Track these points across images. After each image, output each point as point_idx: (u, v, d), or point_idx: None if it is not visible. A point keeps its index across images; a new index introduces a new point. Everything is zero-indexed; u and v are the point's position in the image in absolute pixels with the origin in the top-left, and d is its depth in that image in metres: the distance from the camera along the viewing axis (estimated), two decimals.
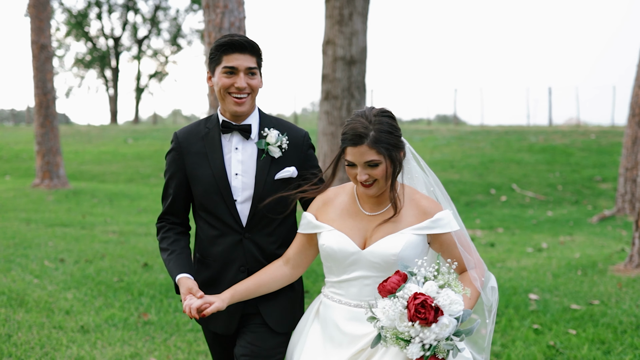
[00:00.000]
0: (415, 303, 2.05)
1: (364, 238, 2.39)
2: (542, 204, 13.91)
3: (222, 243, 2.58)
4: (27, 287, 5.68)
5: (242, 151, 2.58)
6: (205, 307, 2.37)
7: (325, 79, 13.73)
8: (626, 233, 10.04)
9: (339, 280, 2.42)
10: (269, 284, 2.52)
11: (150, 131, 25.19)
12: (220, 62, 2.50)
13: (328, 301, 2.47)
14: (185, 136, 2.63)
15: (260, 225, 2.58)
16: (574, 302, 5.58)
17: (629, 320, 4.98)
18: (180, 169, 2.60)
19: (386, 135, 2.32)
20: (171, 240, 2.62)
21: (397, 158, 2.35)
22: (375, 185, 2.35)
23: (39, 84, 14.73)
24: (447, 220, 2.39)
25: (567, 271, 6.95)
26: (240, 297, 2.48)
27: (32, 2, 14.65)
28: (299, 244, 2.55)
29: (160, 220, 2.70)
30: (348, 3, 13.53)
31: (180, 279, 2.50)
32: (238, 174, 2.57)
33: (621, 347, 4.43)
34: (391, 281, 2.16)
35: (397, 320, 2.09)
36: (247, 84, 2.50)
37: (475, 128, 23.56)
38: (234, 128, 2.56)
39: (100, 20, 36.79)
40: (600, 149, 17.73)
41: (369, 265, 2.35)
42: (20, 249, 7.55)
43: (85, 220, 10.67)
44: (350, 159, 2.33)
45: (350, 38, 13.63)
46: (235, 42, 2.48)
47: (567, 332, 4.74)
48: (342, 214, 2.45)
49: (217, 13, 6.45)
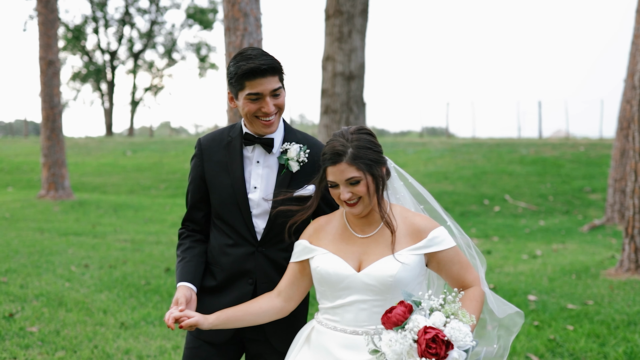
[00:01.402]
0: (426, 338, 1.99)
1: (359, 261, 2.34)
2: (534, 214, 14.44)
3: (234, 253, 2.55)
4: (61, 290, 6.07)
5: (263, 165, 2.55)
6: (184, 319, 2.31)
7: (325, 94, 14.21)
8: (616, 241, 10.56)
9: (334, 305, 2.36)
10: (257, 314, 2.45)
11: (147, 143, 25.56)
12: (244, 88, 2.43)
13: (322, 328, 2.40)
14: (209, 143, 2.61)
15: (275, 240, 2.55)
16: (569, 302, 6.05)
17: (621, 318, 5.46)
18: (200, 176, 2.59)
19: (365, 151, 2.31)
20: (185, 247, 2.62)
21: (379, 173, 2.32)
22: (360, 204, 2.32)
23: (46, 99, 15.12)
24: (443, 237, 2.35)
25: (561, 275, 7.43)
26: (225, 320, 2.41)
27: (41, 20, 15.08)
28: (291, 274, 2.48)
29: (181, 227, 2.70)
30: (348, 21, 14.06)
31: (179, 287, 2.48)
32: (257, 187, 2.54)
33: (615, 340, 4.89)
34: (396, 313, 2.09)
35: (404, 355, 2.02)
36: (274, 105, 2.46)
37: (467, 140, 24.16)
38: (255, 140, 2.53)
39: (97, 34, 37.22)
40: (589, 160, 18.34)
41: (364, 288, 2.29)
42: (44, 256, 7.93)
43: (96, 229, 11.04)
44: (332, 178, 2.31)
45: (349, 54, 14.13)
46: (257, 68, 2.39)
47: (565, 328, 5.20)
48: (335, 239, 2.42)
49: (237, 35, 6.92)
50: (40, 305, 5.53)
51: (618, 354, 4.56)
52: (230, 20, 6.97)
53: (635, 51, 11.77)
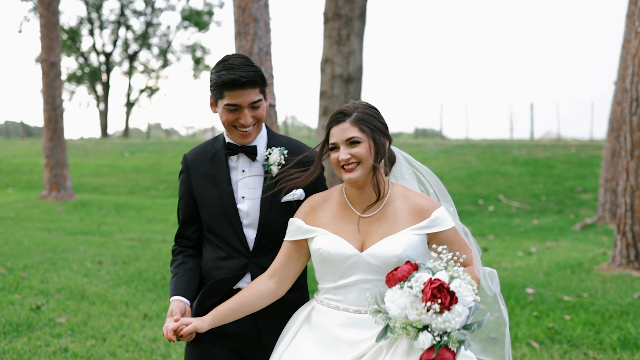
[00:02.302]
0: (432, 287, 2.02)
1: (361, 240, 2.32)
2: (528, 213, 14.81)
3: (227, 266, 2.52)
4: (81, 284, 6.33)
5: (249, 173, 2.53)
6: (182, 328, 2.28)
7: (324, 96, 14.51)
8: (607, 239, 10.93)
9: (336, 285, 2.32)
10: (253, 301, 2.40)
11: (144, 145, 25.76)
12: (223, 97, 2.41)
13: (323, 307, 2.37)
14: (194, 157, 2.59)
15: (267, 249, 2.53)
16: (565, 294, 6.38)
17: (614, 308, 5.79)
18: (189, 191, 2.58)
19: (370, 117, 2.31)
20: (178, 262, 2.59)
21: (381, 142, 2.31)
22: (358, 169, 2.28)
23: (48, 100, 15.34)
24: (444, 217, 2.36)
25: (557, 270, 7.77)
26: (223, 317, 2.37)
27: (43, 22, 15.29)
28: (286, 253, 2.43)
29: (174, 243, 2.68)
30: (346, 24, 14.37)
31: (172, 301, 2.45)
32: (245, 197, 2.52)
33: (609, 328, 5.22)
34: (402, 269, 2.13)
35: (408, 308, 2.04)
36: (252, 117, 2.45)
37: (461, 142, 24.56)
38: (239, 150, 2.52)
39: (92, 36, 37.35)
40: (581, 161, 18.75)
41: (368, 268, 2.27)
42: (57, 253, 8.17)
43: (102, 229, 11.27)
44: (333, 140, 2.31)
45: (347, 57, 14.44)
46: (237, 81, 2.36)
47: (562, 318, 5.52)
48: (335, 217, 2.37)
49: (247, 40, 7.20)
50: (63, 299, 5.79)
51: (612, 341, 4.89)
52: (240, 25, 7.25)
53: (625, 55, 12.16)
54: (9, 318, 5.12)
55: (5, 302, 5.58)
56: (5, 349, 4.46)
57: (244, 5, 7.25)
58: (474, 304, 2.07)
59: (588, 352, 4.72)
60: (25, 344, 4.56)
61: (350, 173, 2.28)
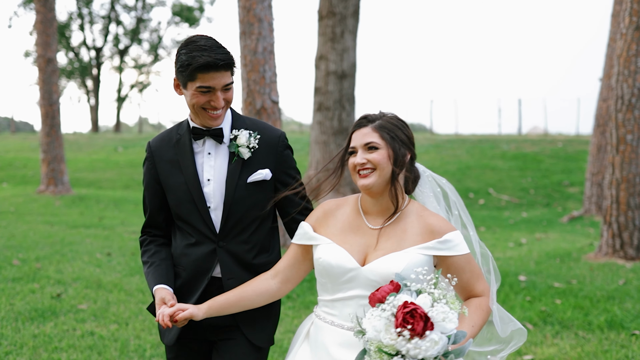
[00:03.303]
0: (404, 311, 1.90)
1: (364, 254, 2.24)
2: (517, 206, 15.23)
3: (196, 252, 2.49)
4: (95, 274, 6.61)
5: (215, 156, 2.49)
6: (178, 313, 2.26)
7: (318, 92, 14.84)
8: (593, 231, 11.36)
9: (333, 299, 2.26)
10: (251, 298, 2.37)
11: (137, 140, 25.91)
12: (195, 79, 2.35)
13: (319, 322, 2.30)
14: (158, 144, 2.56)
15: (234, 232, 2.48)
16: (555, 281, 6.76)
17: (602, 294, 6.17)
18: (154, 178, 2.54)
19: (393, 127, 2.26)
20: (152, 252, 2.56)
21: (401, 152, 2.25)
22: (372, 175, 2.22)
23: (45, 96, 15.49)
24: (457, 242, 2.23)
25: (547, 259, 8.16)
26: (218, 308, 2.35)
27: (39, 18, 15.42)
28: (292, 255, 2.39)
29: (142, 234, 2.64)
30: (340, 22, 14.68)
31: (156, 290, 2.42)
32: (210, 179, 2.48)
33: (597, 311, 5.60)
34: (382, 290, 2.03)
35: (382, 331, 1.93)
36: (224, 99, 2.42)
37: (451, 137, 24.98)
38: (204, 133, 2.48)
39: (83, 31, 37.31)
40: (567, 156, 19.22)
41: (367, 283, 2.18)
42: (65, 245, 8.41)
43: (103, 222, 11.51)
44: (353, 143, 2.27)
45: (341, 54, 14.77)
46: (213, 63, 2.32)
47: (554, 302, 5.90)
48: (344, 227, 2.31)
49: (252, 39, 7.49)
50: (81, 287, 6.07)
51: (600, 322, 5.26)
52: (245, 25, 7.54)
53: (611, 53, 12.58)
54: (32, 305, 5.40)
55: (26, 291, 5.85)
56: (36, 332, 4.74)
57: (248, 6, 7.54)
58: (454, 332, 1.94)
59: (578, 332, 5.10)
60: (53, 328, 4.85)
61: (365, 179, 2.23)
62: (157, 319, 2.28)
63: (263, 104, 7.52)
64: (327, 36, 14.89)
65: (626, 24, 7.92)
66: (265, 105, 7.53)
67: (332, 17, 14.74)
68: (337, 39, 14.87)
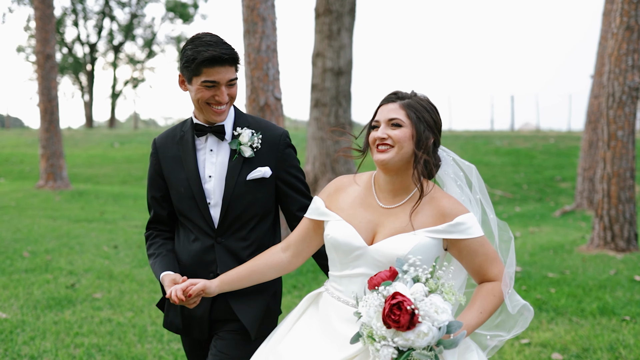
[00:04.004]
0: (391, 303, 1.90)
1: (373, 232, 2.21)
2: (510, 201, 15.53)
3: (194, 248, 2.53)
4: (105, 266, 6.81)
5: (217, 153, 2.53)
6: (190, 287, 2.27)
7: (315, 88, 15.06)
8: (585, 224, 11.66)
9: (341, 275, 2.26)
10: (263, 270, 2.39)
11: (133, 135, 26.03)
12: (200, 74, 2.39)
13: (328, 296, 2.31)
14: (163, 141, 2.61)
15: (233, 229, 2.51)
16: (550, 271, 7.03)
17: (594, 283, 6.45)
18: (158, 174, 2.59)
19: (421, 108, 2.21)
20: (158, 244, 2.60)
21: (425, 135, 2.18)
22: (389, 152, 2.17)
23: (44, 92, 15.63)
24: (469, 225, 2.16)
25: (540, 251, 8.44)
26: (230, 282, 2.36)
27: (38, 15, 15.55)
28: (304, 229, 2.39)
29: (147, 229, 2.67)
30: (337, 20, 14.90)
31: (163, 276, 2.45)
32: (212, 176, 2.52)
33: (589, 299, 5.87)
34: (379, 275, 2.02)
35: (373, 318, 1.95)
36: (228, 95, 2.45)
37: (444, 133, 25.28)
38: (206, 130, 2.51)
39: (77, 27, 37.30)
40: (559, 152, 19.56)
41: (373, 263, 2.17)
42: (71, 239, 8.60)
43: (105, 217, 11.69)
44: (378, 117, 2.22)
45: (338, 51, 14.99)
46: (219, 57, 2.36)
47: (548, 291, 6.16)
48: (354, 203, 2.28)
49: (256, 38, 7.69)
50: (93, 278, 6.27)
51: (592, 309, 5.53)
52: (249, 24, 7.74)
53: (602, 51, 12.87)
54: (49, 294, 5.60)
55: (40, 281, 6.05)
56: (56, 319, 4.95)
57: (252, 6, 7.74)
58: (446, 323, 1.93)
59: (572, 318, 5.36)
60: (71, 315, 5.06)
61: (381, 154, 2.18)
62: (168, 294, 2.28)
63: (266, 101, 7.73)
64: (324, 34, 15.09)
65: (617, 23, 8.19)
66: (268, 102, 7.74)
67: (329, 15, 14.94)
68: (333, 37, 15.07)
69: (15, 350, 4.28)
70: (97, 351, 4.34)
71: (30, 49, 37.39)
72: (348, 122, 15.07)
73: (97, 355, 4.27)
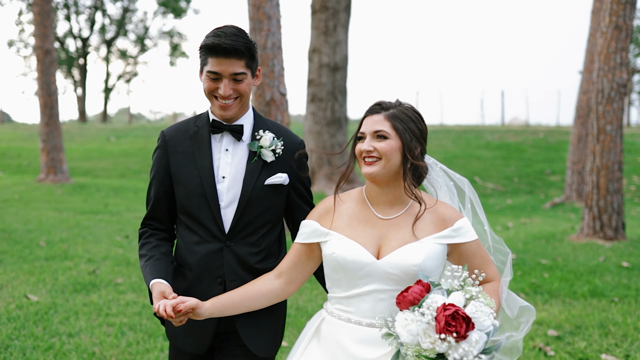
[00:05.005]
0: (445, 314, 1.86)
1: (378, 246, 2.18)
2: (502, 193, 15.98)
3: (201, 251, 2.40)
4: (122, 253, 7.12)
5: (233, 153, 2.42)
6: (180, 304, 2.12)
7: (311, 84, 15.40)
8: (574, 216, 12.11)
9: (348, 295, 2.18)
10: (256, 298, 2.28)
11: (129, 130, 26.22)
12: (207, 63, 2.34)
13: (333, 319, 2.22)
14: (173, 134, 2.48)
15: (244, 234, 2.40)
16: (543, 258, 7.44)
17: (584, 269, 6.86)
18: (164, 169, 2.45)
19: (407, 118, 2.18)
20: (152, 245, 2.44)
21: (412, 145, 2.16)
22: (377, 164, 2.15)
23: (44, 86, 15.83)
24: (467, 229, 2.22)
25: (533, 240, 8.85)
26: (221, 306, 2.24)
27: (37, 10, 15.72)
28: (296, 255, 2.30)
29: (142, 226, 2.52)
30: (333, 16, 15.22)
31: (153, 284, 2.28)
32: (225, 177, 2.40)
33: (580, 282, 6.28)
34: (413, 291, 1.97)
35: (420, 335, 1.89)
36: (233, 90, 2.35)
37: (436, 127, 25.70)
38: (224, 128, 2.41)
39: (69, 21, 37.31)
40: (549, 146, 20.03)
41: (384, 277, 2.12)
42: (82, 229, 8.89)
43: (109, 209, 11.97)
44: (363, 129, 2.20)
45: (334, 47, 15.33)
46: (218, 46, 2.28)
47: (542, 275, 6.57)
48: (351, 220, 2.23)
49: (262, 35, 8.02)
50: (112, 265, 6.59)
51: (584, 291, 5.94)
52: (255, 22, 8.07)
53: (591, 48, 13.30)
54: (73, 279, 5.92)
55: (63, 268, 6.36)
56: (85, 301, 5.27)
57: (258, 4, 8.06)
58: (492, 328, 1.92)
59: (565, 299, 5.76)
60: (99, 298, 5.38)
61: (369, 167, 2.17)
62: (156, 309, 2.12)
63: (272, 96, 8.06)
64: (320, 30, 15.41)
65: (606, 23, 8.59)
66: (274, 97, 8.07)
67: (325, 12, 15.26)
68: (329, 33, 15.40)
69: (52, 329, 4.60)
70: (128, 329, 4.68)
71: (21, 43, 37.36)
72: (344, 117, 15.43)
73: (129, 333, 4.61)
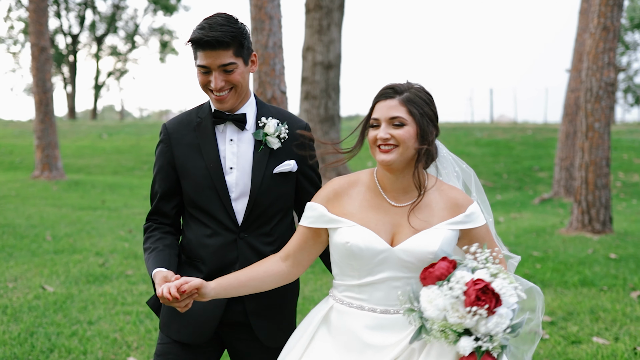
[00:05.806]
0: (476, 288, 1.87)
1: (391, 233, 2.13)
2: (492, 189, 16.31)
3: (214, 243, 2.35)
4: (129, 247, 7.32)
5: (238, 143, 2.37)
6: (184, 285, 2.05)
7: (305, 81, 15.63)
8: (562, 211, 12.45)
9: (361, 283, 2.13)
10: (263, 278, 2.22)
11: (121, 127, 26.28)
12: (196, 57, 2.29)
13: (344, 307, 2.17)
14: (176, 127, 2.42)
15: (257, 224, 2.37)
16: (534, 250, 7.74)
17: (574, 260, 7.17)
18: (169, 162, 2.40)
19: (421, 101, 2.12)
20: (155, 238, 2.39)
21: (428, 130, 2.11)
22: (394, 152, 2.09)
23: (39, 83, 15.94)
24: (478, 213, 2.21)
25: (524, 234, 9.17)
26: (227, 286, 2.17)
27: (33, 8, 15.81)
28: (302, 238, 2.24)
29: (147, 221, 2.47)
30: (327, 15, 15.46)
31: (156, 272, 2.21)
32: (233, 167, 2.35)
33: (571, 273, 6.58)
34: (440, 267, 1.98)
35: (448, 310, 1.91)
36: (225, 81, 2.29)
37: None
38: (227, 118, 2.36)
39: (59, 18, 37.18)
40: (537, 143, 20.42)
41: (399, 264, 2.10)
42: (84, 224, 9.07)
43: (107, 205, 12.13)
44: (376, 115, 2.12)
45: (328, 45, 15.56)
46: (200, 39, 2.22)
47: (534, 266, 6.86)
48: (362, 206, 2.17)
49: (263, 35, 8.23)
50: (120, 258, 6.79)
51: (574, 281, 6.24)
52: (257, 22, 8.28)
53: (579, 47, 13.65)
54: (85, 271, 6.12)
55: (73, 261, 6.55)
56: (100, 292, 5.48)
57: (260, 5, 8.27)
58: (517, 306, 1.95)
59: (557, 288, 6.06)
60: (112, 289, 5.59)
61: (385, 154, 2.10)
62: (160, 293, 2.05)
63: (273, 94, 8.28)
64: (314, 28, 15.64)
65: (595, 24, 8.91)
66: (275, 95, 8.29)
67: (319, 10, 15.49)
68: (323, 31, 15.63)
69: (73, 317, 4.81)
70: (145, 317, 4.89)
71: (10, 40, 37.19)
72: (337, 114, 15.68)
73: (147, 321, 4.83)
